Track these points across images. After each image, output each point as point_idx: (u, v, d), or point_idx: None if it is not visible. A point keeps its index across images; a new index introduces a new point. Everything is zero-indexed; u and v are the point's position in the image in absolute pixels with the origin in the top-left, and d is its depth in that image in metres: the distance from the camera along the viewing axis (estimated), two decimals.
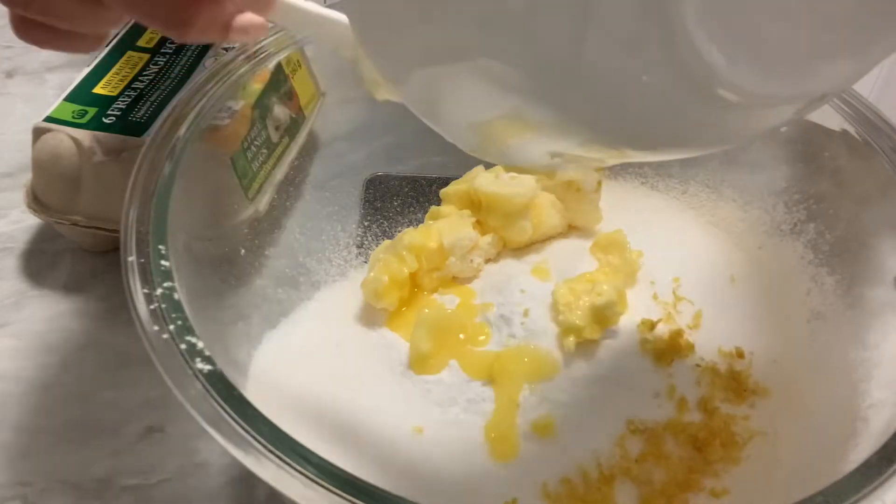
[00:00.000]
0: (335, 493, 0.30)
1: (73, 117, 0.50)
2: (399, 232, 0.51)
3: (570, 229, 0.54)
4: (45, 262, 0.53)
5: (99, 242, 0.52)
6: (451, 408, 0.44)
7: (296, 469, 0.30)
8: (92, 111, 0.50)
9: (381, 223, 0.54)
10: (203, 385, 0.33)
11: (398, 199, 0.54)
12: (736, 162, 0.54)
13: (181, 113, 0.42)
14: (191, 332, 0.34)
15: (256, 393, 0.41)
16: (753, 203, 0.53)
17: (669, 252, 0.52)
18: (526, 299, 0.48)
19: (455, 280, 0.50)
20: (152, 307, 0.35)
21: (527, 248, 0.52)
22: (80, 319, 0.50)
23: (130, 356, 0.48)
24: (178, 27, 0.34)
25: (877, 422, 0.38)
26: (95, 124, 0.49)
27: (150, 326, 0.34)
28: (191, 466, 0.44)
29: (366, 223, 0.53)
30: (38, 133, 0.49)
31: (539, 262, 0.51)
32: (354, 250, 0.52)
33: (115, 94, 0.52)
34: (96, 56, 0.55)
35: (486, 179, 0.50)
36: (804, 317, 0.47)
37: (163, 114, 0.50)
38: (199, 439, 0.44)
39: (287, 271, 0.49)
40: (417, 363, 0.45)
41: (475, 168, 0.52)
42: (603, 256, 0.51)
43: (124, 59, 0.55)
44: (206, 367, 0.33)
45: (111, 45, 0.56)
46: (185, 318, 0.35)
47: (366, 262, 0.51)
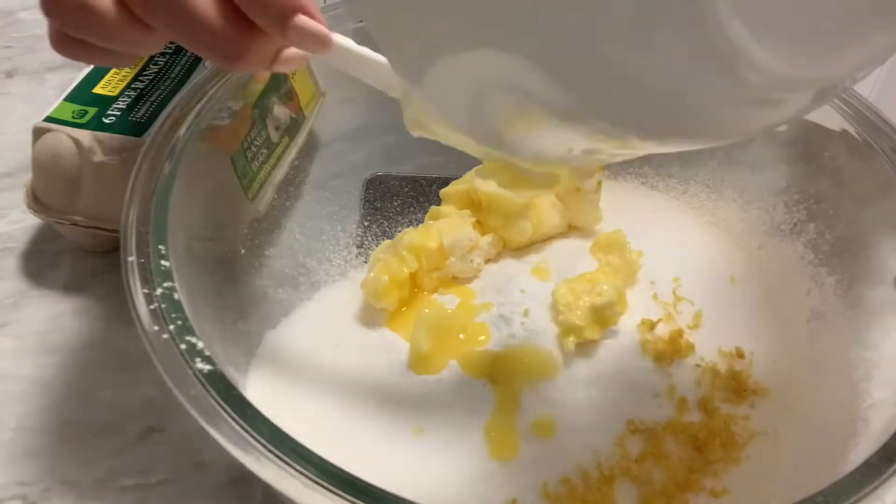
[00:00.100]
0: (335, 493, 0.30)
1: (73, 117, 0.50)
2: (399, 232, 0.51)
3: (570, 229, 0.54)
4: (45, 262, 0.53)
5: (99, 242, 0.52)
6: (451, 408, 0.44)
7: (296, 469, 0.30)
8: (92, 111, 0.50)
9: (381, 223, 0.54)
10: (203, 385, 0.33)
11: (398, 199, 0.54)
12: (736, 162, 0.54)
13: (181, 113, 0.42)
14: (191, 332, 0.34)
15: (256, 393, 0.41)
16: (753, 203, 0.53)
17: (669, 252, 0.52)
18: (526, 299, 0.48)
19: (455, 280, 0.50)
20: (152, 307, 0.35)
21: (527, 248, 0.52)
22: (80, 319, 0.50)
23: (130, 356, 0.48)
24: (230, 60, 0.34)
25: (877, 422, 0.38)
26: (95, 124, 0.49)
27: (150, 326, 0.34)
28: (191, 466, 0.44)
29: (366, 223, 0.53)
30: (38, 133, 0.49)
31: (539, 262, 0.51)
32: (354, 250, 0.52)
33: (115, 94, 0.52)
34: None
35: (485, 180, 0.50)
36: (804, 317, 0.47)
37: (163, 114, 0.50)
38: (199, 439, 0.44)
39: (287, 271, 0.49)
40: (417, 363, 0.45)
41: (475, 168, 0.52)
42: (603, 256, 0.51)
43: None
44: (206, 367, 0.33)
45: None
46: (185, 318, 0.35)
47: (366, 262, 0.51)
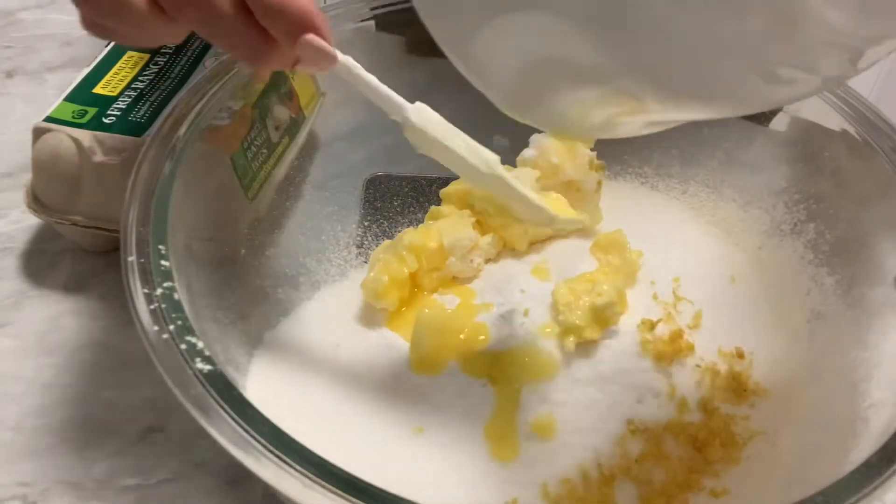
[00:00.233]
0: (335, 493, 0.30)
1: (73, 117, 0.50)
2: (399, 232, 0.51)
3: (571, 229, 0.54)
4: (45, 262, 0.53)
5: (99, 242, 0.52)
6: (451, 408, 0.44)
7: (296, 469, 0.30)
8: (92, 111, 0.50)
9: (381, 223, 0.54)
10: (203, 385, 0.33)
11: (398, 199, 0.54)
12: (736, 162, 0.54)
13: (181, 113, 0.42)
14: (191, 332, 0.34)
15: (256, 393, 0.41)
16: (753, 203, 0.53)
17: (669, 252, 0.52)
18: (526, 299, 0.48)
19: (455, 280, 0.50)
20: (152, 307, 0.35)
21: (527, 248, 0.52)
22: (80, 319, 0.50)
23: (130, 356, 0.48)
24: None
25: (877, 422, 0.38)
26: (95, 124, 0.49)
27: (150, 326, 0.34)
28: (191, 466, 0.44)
29: (366, 223, 0.53)
30: (38, 133, 0.49)
31: (539, 262, 0.51)
32: (354, 250, 0.52)
33: (115, 94, 0.52)
34: (96, 56, 0.55)
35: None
36: (804, 317, 0.47)
37: (163, 114, 0.50)
38: (199, 439, 0.44)
39: (287, 271, 0.49)
40: (417, 363, 0.45)
41: None
42: (603, 256, 0.51)
43: (124, 59, 0.55)
44: (206, 367, 0.33)
45: (111, 44, 0.56)
46: (185, 318, 0.35)
47: (366, 262, 0.51)
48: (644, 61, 0.28)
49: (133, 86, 0.53)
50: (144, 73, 0.54)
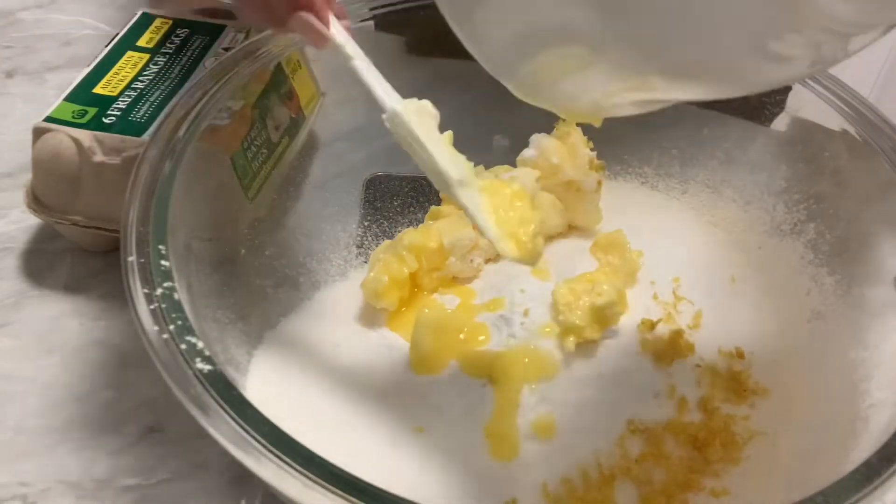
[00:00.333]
0: (335, 493, 0.30)
1: (73, 117, 0.50)
2: (399, 232, 0.51)
3: (570, 229, 0.54)
4: (45, 262, 0.53)
5: (99, 242, 0.52)
6: (451, 408, 0.44)
7: (296, 469, 0.30)
8: (92, 111, 0.50)
9: (381, 223, 0.54)
10: (203, 385, 0.33)
11: (398, 199, 0.54)
12: (736, 162, 0.54)
13: (181, 113, 0.42)
14: (191, 332, 0.34)
15: (256, 393, 0.41)
16: (753, 203, 0.53)
17: (669, 252, 0.52)
18: (526, 299, 0.48)
19: (455, 280, 0.50)
20: (152, 307, 0.35)
21: None
22: (80, 319, 0.50)
23: (130, 356, 0.48)
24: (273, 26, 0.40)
25: (877, 422, 0.38)
26: (95, 124, 0.49)
27: (150, 326, 0.34)
28: (191, 466, 0.44)
29: (366, 223, 0.53)
30: (38, 133, 0.49)
31: (539, 262, 0.51)
32: (354, 250, 0.52)
33: (115, 94, 0.52)
34: (96, 56, 0.55)
35: (486, 180, 0.50)
36: (804, 317, 0.47)
37: (163, 114, 0.50)
38: (199, 439, 0.44)
39: (287, 271, 0.49)
40: (417, 363, 0.45)
41: (476, 168, 0.52)
42: (603, 256, 0.51)
43: (124, 59, 0.55)
44: (206, 367, 0.33)
45: (111, 45, 0.56)
46: (185, 318, 0.35)
47: (366, 262, 0.51)
48: (642, 30, 0.29)
49: (133, 86, 0.52)
50: (144, 73, 0.54)
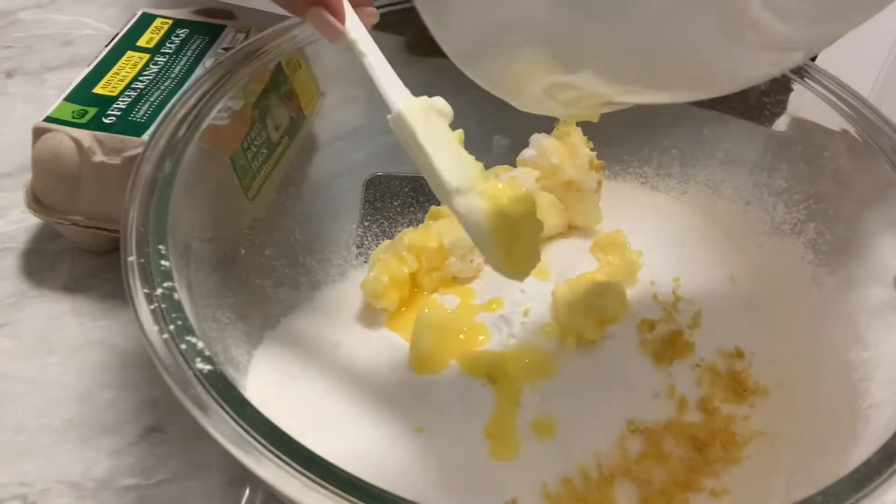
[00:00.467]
0: (335, 493, 0.30)
1: (73, 117, 0.50)
2: (399, 232, 0.51)
3: (570, 229, 0.54)
4: (45, 262, 0.53)
5: (99, 242, 0.52)
6: (451, 408, 0.44)
7: (296, 469, 0.30)
8: (92, 111, 0.50)
9: (381, 223, 0.54)
10: (203, 385, 0.33)
11: (398, 199, 0.54)
12: (736, 162, 0.54)
13: (181, 113, 0.42)
14: (191, 332, 0.34)
15: (256, 393, 0.41)
16: (753, 203, 0.53)
17: (669, 252, 0.52)
18: (526, 299, 0.48)
19: (455, 280, 0.50)
20: (152, 307, 0.35)
21: None
22: (80, 319, 0.50)
23: (130, 356, 0.48)
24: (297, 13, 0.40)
25: (877, 422, 0.38)
26: (95, 124, 0.49)
27: (150, 326, 0.34)
28: (191, 466, 0.44)
29: (366, 223, 0.53)
30: (38, 133, 0.50)
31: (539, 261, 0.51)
32: (354, 250, 0.52)
33: (115, 94, 0.52)
34: (96, 56, 0.55)
35: (492, 184, 0.50)
36: (804, 317, 0.47)
37: (163, 114, 0.50)
38: (199, 439, 0.44)
39: (287, 271, 0.49)
40: (417, 363, 0.45)
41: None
42: (603, 256, 0.51)
43: (124, 59, 0.55)
44: (206, 367, 0.33)
45: (111, 45, 0.56)
46: (185, 318, 0.35)
47: (366, 262, 0.51)
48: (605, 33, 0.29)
49: (133, 86, 0.52)
50: (144, 73, 0.54)
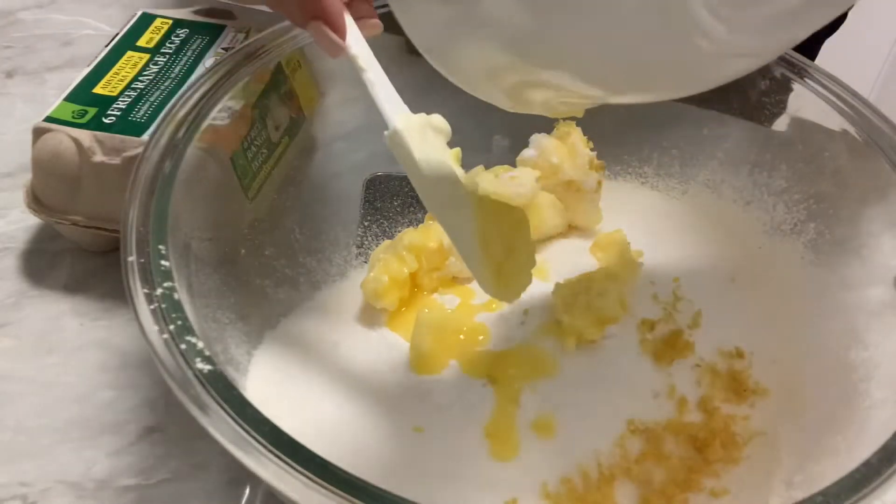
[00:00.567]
0: (335, 493, 0.30)
1: (73, 117, 0.50)
2: (399, 232, 0.51)
3: (570, 229, 0.54)
4: (45, 262, 0.53)
5: (99, 242, 0.52)
6: (451, 408, 0.44)
7: (296, 469, 0.30)
8: (92, 111, 0.50)
9: (381, 223, 0.54)
10: (203, 385, 0.33)
11: (398, 199, 0.54)
12: (736, 162, 0.54)
13: (181, 113, 0.42)
14: (191, 332, 0.34)
15: (256, 393, 0.41)
16: (753, 203, 0.53)
17: (669, 252, 0.52)
18: (526, 299, 0.48)
19: (455, 280, 0.50)
20: (152, 307, 0.35)
21: None
22: (80, 319, 0.50)
23: (130, 356, 0.48)
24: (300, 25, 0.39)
25: (877, 422, 0.38)
26: (95, 124, 0.49)
27: (150, 326, 0.34)
28: (191, 466, 0.44)
29: (366, 223, 0.53)
30: (38, 133, 0.49)
31: (539, 261, 0.51)
32: (354, 250, 0.52)
33: (115, 94, 0.52)
34: (96, 56, 0.55)
35: (485, 179, 0.50)
36: (804, 317, 0.47)
37: (163, 114, 0.50)
38: (199, 439, 0.44)
39: (287, 271, 0.48)
40: (417, 363, 0.45)
41: (475, 168, 0.52)
42: (603, 256, 0.51)
43: (124, 59, 0.55)
44: (206, 367, 0.33)
45: (111, 45, 0.56)
46: (185, 318, 0.35)
47: (366, 262, 0.51)
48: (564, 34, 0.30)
49: (133, 86, 0.52)
50: (144, 73, 0.54)
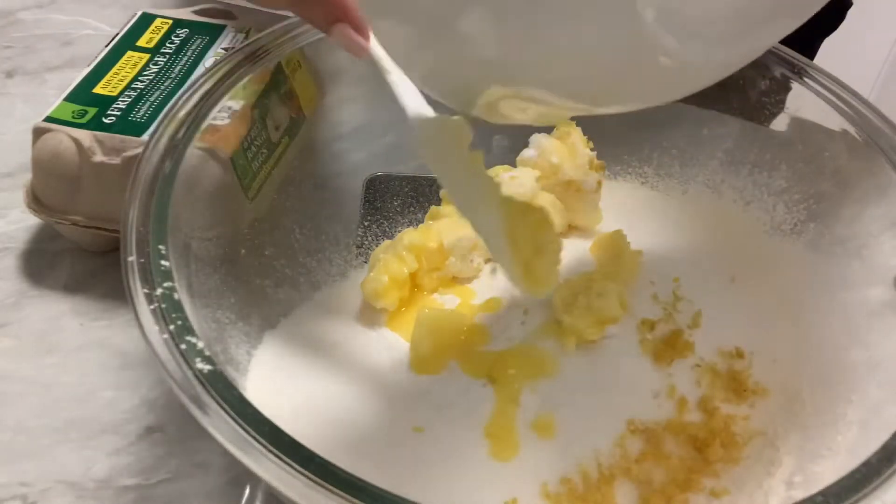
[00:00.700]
0: (335, 493, 0.30)
1: (73, 117, 0.50)
2: (399, 232, 0.51)
3: (570, 229, 0.54)
4: (45, 262, 0.53)
5: (99, 242, 0.52)
6: (451, 408, 0.44)
7: (296, 469, 0.30)
8: (92, 111, 0.50)
9: (381, 223, 0.54)
10: (203, 385, 0.33)
11: (398, 199, 0.54)
12: (736, 162, 0.54)
13: (181, 113, 0.42)
14: (191, 332, 0.34)
15: (256, 393, 0.41)
16: (753, 203, 0.53)
17: (669, 252, 0.52)
18: (526, 299, 0.48)
19: (455, 280, 0.50)
20: (152, 307, 0.35)
21: None
22: (80, 319, 0.50)
23: (130, 356, 0.48)
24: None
25: (876, 422, 0.38)
26: (95, 124, 0.49)
27: (150, 326, 0.34)
28: (191, 466, 0.44)
29: (366, 223, 0.53)
30: (38, 133, 0.50)
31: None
32: (354, 250, 0.52)
33: (115, 94, 0.52)
34: (96, 56, 0.55)
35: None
36: (804, 317, 0.47)
37: (163, 114, 0.50)
38: (199, 439, 0.44)
39: (287, 271, 0.48)
40: (417, 363, 0.45)
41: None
42: (603, 256, 0.51)
43: (124, 59, 0.55)
44: (206, 367, 0.33)
45: (111, 45, 0.56)
46: (185, 318, 0.35)
47: (366, 262, 0.51)
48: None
49: (133, 86, 0.53)
50: (144, 73, 0.54)
